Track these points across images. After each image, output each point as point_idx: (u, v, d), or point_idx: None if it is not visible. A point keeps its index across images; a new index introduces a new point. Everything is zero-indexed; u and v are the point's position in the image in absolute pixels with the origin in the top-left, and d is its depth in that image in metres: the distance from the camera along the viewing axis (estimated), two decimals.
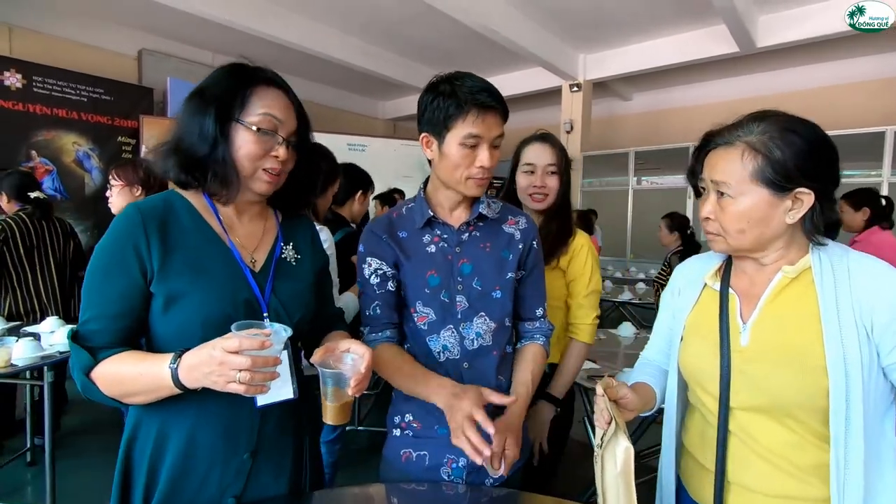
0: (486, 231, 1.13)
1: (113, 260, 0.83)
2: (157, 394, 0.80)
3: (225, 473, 0.88)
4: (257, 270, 0.94)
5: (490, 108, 1.00)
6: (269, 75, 0.91)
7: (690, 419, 1.00)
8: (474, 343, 1.09)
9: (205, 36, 5.77)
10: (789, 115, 0.85)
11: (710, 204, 0.89)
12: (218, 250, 0.90)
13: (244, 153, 0.87)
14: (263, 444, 0.92)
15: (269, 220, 1.02)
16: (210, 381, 0.75)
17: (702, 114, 7.73)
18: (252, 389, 0.74)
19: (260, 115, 0.87)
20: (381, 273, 1.11)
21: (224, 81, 0.88)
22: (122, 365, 0.80)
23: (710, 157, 0.89)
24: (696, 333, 0.96)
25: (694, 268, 1.05)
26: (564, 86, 6.69)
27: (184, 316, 0.84)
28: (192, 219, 0.90)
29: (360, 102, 8.70)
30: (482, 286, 1.09)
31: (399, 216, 1.15)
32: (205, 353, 0.75)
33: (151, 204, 0.88)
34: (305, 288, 1.00)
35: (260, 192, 0.92)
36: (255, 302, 0.90)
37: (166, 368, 0.77)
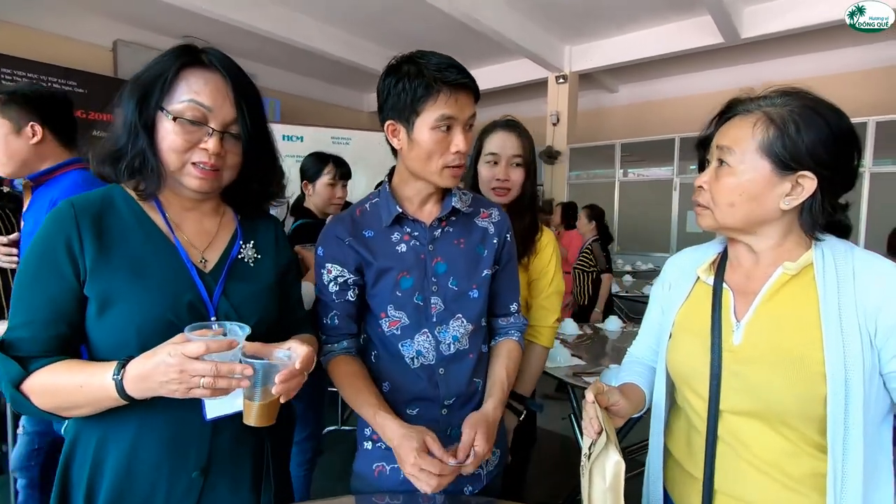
0: (458, 226, 1.06)
1: (42, 260, 0.76)
2: (98, 406, 0.74)
3: (171, 494, 0.81)
4: (208, 271, 0.86)
5: (462, 86, 0.92)
6: (203, 57, 0.82)
7: (676, 423, 0.96)
8: (451, 347, 1.03)
9: (182, 26, 5.61)
10: (819, 97, 0.80)
11: (708, 173, 0.85)
12: (160, 249, 0.82)
13: (166, 145, 0.79)
14: (216, 460, 0.84)
15: (226, 216, 0.94)
16: (168, 390, 0.69)
17: (687, 105, 7.79)
18: (218, 393, 0.69)
19: (184, 102, 0.79)
20: (340, 281, 1.03)
21: (156, 65, 0.80)
22: (57, 376, 0.73)
23: (725, 125, 0.85)
24: (687, 330, 0.91)
25: (687, 260, 1.00)
26: (550, 77, 6.64)
27: (118, 321, 0.77)
28: (133, 215, 0.83)
29: (345, 95, 8.57)
30: (458, 286, 1.03)
31: (363, 213, 1.06)
32: (158, 360, 0.68)
33: (87, 198, 0.81)
34: (263, 290, 0.91)
35: (193, 189, 0.83)
36: (201, 304, 0.82)
37: (109, 379, 0.70)
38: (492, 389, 1.04)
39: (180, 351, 0.67)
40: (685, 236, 6.31)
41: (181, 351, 0.67)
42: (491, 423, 0.96)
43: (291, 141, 5.80)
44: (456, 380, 1.03)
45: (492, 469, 1.08)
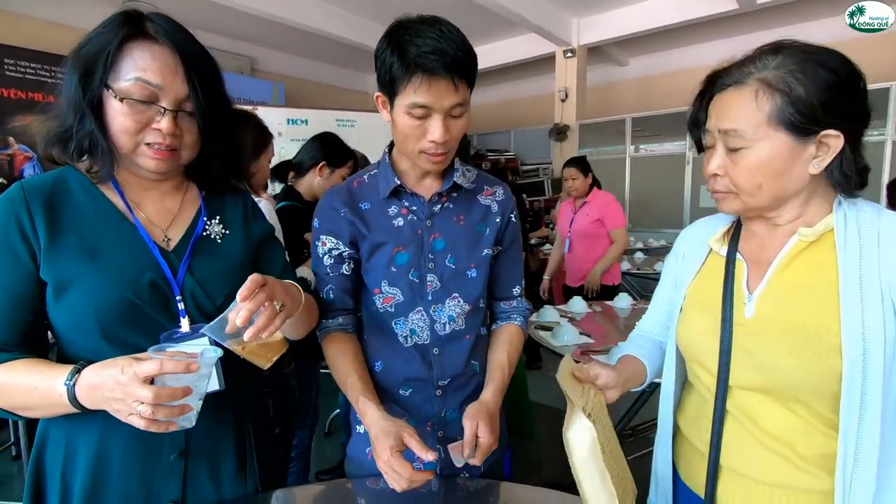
0: (460, 203, 1.02)
1: None
2: (52, 410, 0.70)
3: (149, 480, 0.79)
4: (171, 249, 0.82)
5: (434, 72, 0.82)
6: (148, 26, 0.75)
7: (688, 398, 0.92)
8: (446, 327, 0.99)
9: (184, 12, 5.41)
10: (809, 45, 0.72)
11: (719, 157, 0.76)
12: (118, 229, 0.79)
13: (116, 127, 0.74)
14: (195, 441, 0.82)
15: (190, 192, 0.90)
16: (111, 407, 0.64)
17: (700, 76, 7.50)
18: (155, 426, 0.63)
19: (130, 80, 0.72)
20: (335, 254, 1.00)
21: (98, 36, 0.74)
22: (13, 375, 0.70)
23: (717, 101, 0.76)
24: (698, 304, 0.86)
25: (699, 231, 0.94)
26: (558, 52, 6.48)
27: (75, 304, 0.73)
28: (88, 196, 0.79)
29: (348, 77, 8.47)
30: (456, 264, 0.99)
31: (360, 185, 1.02)
32: (109, 373, 0.64)
33: (39, 180, 0.77)
34: (234, 267, 0.86)
35: (149, 170, 0.79)
36: (165, 283, 0.79)
37: (61, 385, 0.66)
38: (491, 375, 1.00)
39: (133, 369, 0.62)
40: (698, 212, 6.18)
41: (134, 369, 0.62)
42: (492, 412, 0.92)
43: (296, 125, 5.75)
44: (451, 361, 1.00)
45: (490, 455, 1.05)
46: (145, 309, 0.76)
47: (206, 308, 0.82)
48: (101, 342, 0.74)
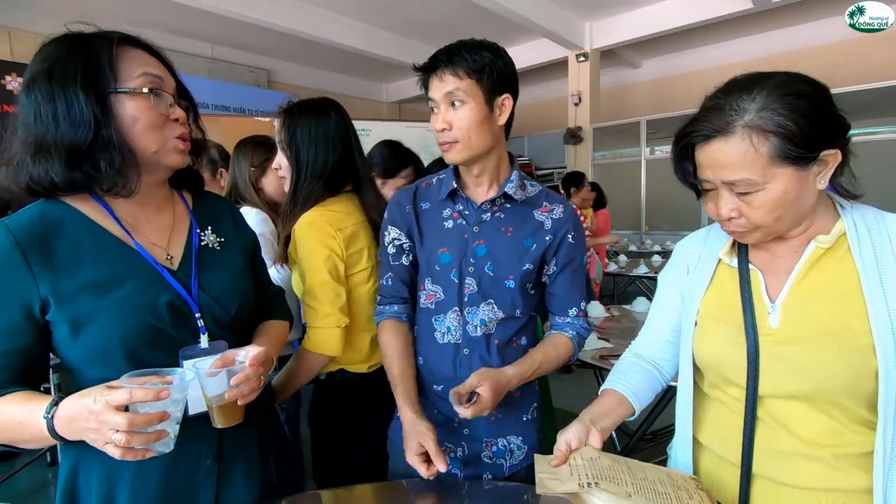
0: (511, 214, 1.05)
1: None
2: (43, 442, 0.70)
3: (190, 486, 0.82)
4: (176, 268, 0.82)
5: (427, 71, 0.97)
6: (123, 34, 0.77)
7: (704, 410, 0.92)
8: (477, 330, 1.03)
9: (201, 28, 5.72)
10: (771, 75, 0.73)
11: (729, 202, 0.76)
12: (123, 256, 0.77)
13: (144, 125, 0.74)
14: (226, 446, 0.85)
15: (178, 205, 0.89)
16: (88, 437, 0.64)
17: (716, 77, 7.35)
18: (130, 454, 0.62)
19: (140, 76, 0.74)
20: (397, 244, 1.09)
21: (74, 52, 0.73)
22: (3, 410, 0.69)
23: (705, 152, 0.75)
24: (714, 317, 0.87)
25: (701, 243, 0.94)
26: (571, 56, 6.48)
27: (97, 337, 0.73)
28: (81, 228, 0.76)
29: (363, 86, 8.58)
30: (494, 272, 1.02)
31: (428, 186, 1.11)
32: (83, 403, 0.63)
33: (25, 221, 0.73)
34: (237, 274, 0.89)
35: (173, 166, 0.80)
36: (182, 302, 0.80)
37: (41, 419, 0.66)
38: (520, 360, 1.01)
39: (104, 398, 0.61)
40: None
41: (105, 398, 0.61)
42: (502, 381, 0.92)
43: None
44: (479, 363, 1.03)
45: (515, 463, 1.07)
46: (167, 330, 0.78)
47: (222, 320, 0.85)
48: (126, 366, 0.73)
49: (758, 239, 0.80)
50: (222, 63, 6.59)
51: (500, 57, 0.97)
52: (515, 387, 0.97)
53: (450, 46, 0.96)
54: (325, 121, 1.29)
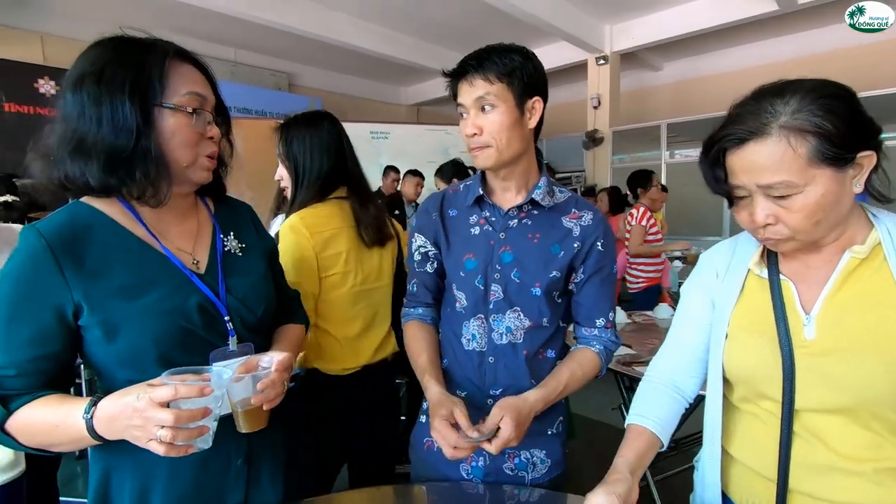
0: (539, 220, 1.03)
1: (18, 303, 0.71)
2: (78, 444, 0.71)
3: (222, 486, 0.83)
4: (203, 272, 0.83)
5: (457, 76, 0.97)
6: (178, 48, 0.79)
7: (735, 422, 0.90)
8: (503, 338, 1.02)
9: (224, 32, 5.82)
10: (802, 81, 0.72)
11: (766, 208, 0.73)
12: (151, 261, 0.78)
13: (180, 140, 0.76)
14: (255, 447, 0.86)
15: (202, 212, 0.90)
16: (130, 435, 0.65)
17: (738, 80, 7.32)
18: (174, 451, 0.63)
19: (186, 95, 0.76)
20: (423, 252, 1.10)
21: (127, 59, 0.74)
22: (36, 414, 0.70)
23: (739, 156, 0.73)
24: (745, 329, 0.85)
25: (728, 253, 0.92)
26: (590, 59, 6.44)
27: (130, 341, 0.74)
28: (111, 233, 0.77)
29: (382, 90, 8.64)
30: (521, 279, 1.01)
31: (455, 192, 1.12)
32: (125, 401, 0.64)
33: (56, 225, 0.73)
34: (260, 279, 0.91)
35: (199, 182, 0.82)
36: (211, 306, 0.81)
37: (80, 420, 0.67)
38: (545, 382, 0.98)
39: (148, 395, 0.62)
40: None
41: (149, 395, 0.62)
42: (524, 411, 0.89)
43: None
44: (505, 372, 1.02)
45: (537, 476, 1.06)
46: (199, 332, 0.79)
47: (249, 322, 0.87)
48: (157, 369, 0.73)
49: (793, 248, 0.78)
50: (244, 67, 6.70)
51: (530, 60, 0.97)
52: (541, 411, 0.94)
53: (479, 51, 0.96)
54: (319, 131, 1.37)
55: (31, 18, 5.17)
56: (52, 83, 4.95)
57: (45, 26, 5.27)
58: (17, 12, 5.06)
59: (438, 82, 1.04)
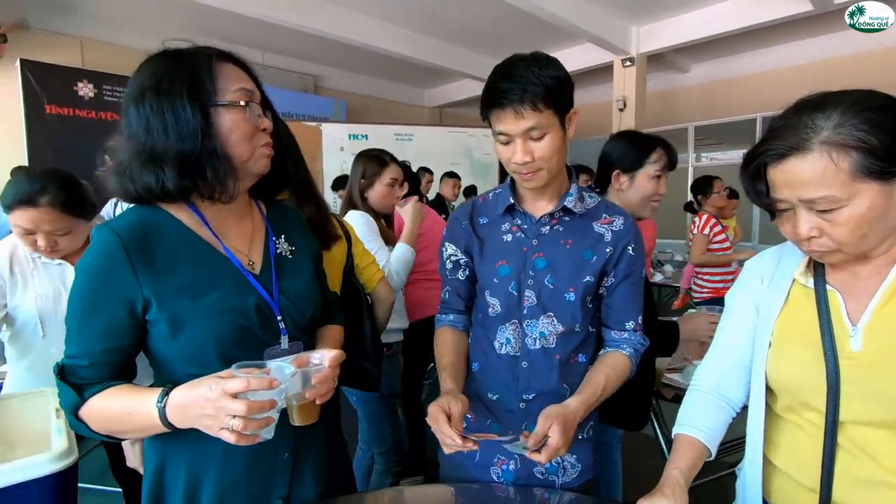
0: (570, 227, 1.05)
1: (93, 296, 0.76)
2: (147, 432, 0.75)
3: (269, 477, 0.86)
4: (258, 272, 0.87)
5: (502, 105, 0.91)
6: (219, 50, 0.83)
7: (778, 432, 0.89)
8: (536, 343, 1.03)
9: (253, 35, 5.94)
10: (844, 93, 0.71)
11: (809, 221, 0.73)
12: (214, 262, 0.82)
13: (239, 135, 0.79)
14: (301, 441, 0.90)
15: (256, 214, 0.94)
16: (202, 424, 0.69)
17: (769, 82, 7.20)
18: (244, 440, 0.68)
19: (236, 91, 0.79)
20: (454, 260, 1.12)
21: (178, 68, 0.78)
22: (109, 402, 0.75)
23: (780, 171, 0.73)
24: (790, 339, 0.84)
25: (774, 261, 0.91)
26: (616, 61, 6.37)
27: (194, 337, 0.78)
28: (178, 233, 0.81)
29: (406, 92, 8.70)
30: (554, 284, 1.02)
31: (485, 201, 1.14)
32: (200, 391, 0.68)
33: (128, 224, 0.78)
34: (309, 280, 0.94)
35: (260, 172, 0.85)
36: (266, 306, 0.85)
37: (153, 408, 0.71)
38: (583, 387, 0.98)
39: (221, 386, 0.66)
40: (768, 224, 5.85)
41: (221, 386, 0.66)
42: (569, 418, 0.90)
43: (357, 140, 5.98)
44: (538, 377, 1.03)
45: (568, 480, 1.06)
46: (256, 331, 0.83)
47: (299, 322, 0.90)
48: (217, 364, 0.77)
49: (839, 259, 0.77)
50: (272, 69, 6.83)
51: (562, 71, 0.97)
52: (582, 418, 0.94)
53: (511, 72, 0.92)
54: None
55: (71, 24, 5.38)
56: (90, 86, 5.13)
57: (85, 31, 5.48)
58: (58, 18, 5.26)
59: (461, 85, 1.05)
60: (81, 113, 5.05)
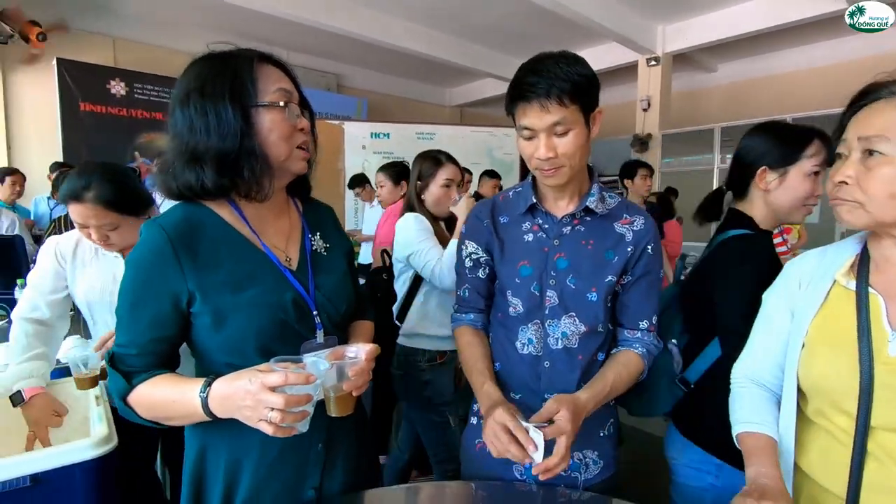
0: (592, 227, 1.05)
1: (141, 289, 0.80)
2: (191, 419, 0.79)
3: (303, 468, 0.89)
4: (295, 269, 0.90)
5: (528, 99, 0.91)
6: (260, 52, 0.85)
7: (807, 436, 0.88)
8: (558, 343, 1.03)
9: (277, 34, 6.02)
10: None
11: (851, 166, 0.75)
12: (254, 258, 0.85)
13: (278, 135, 0.81)
14: (334, 434, 0.92)
15: (292, 212, 0.96)
16: (242, 415, 0.71)
17: (798, 82, 7.02)
18: (281, 432, 0.70)
19: (275, 91, 0.82)
20: (474, 258, 1.11)
21: (221, 71, 0.80)
22: (156, 390, 0.79)
23: (864, 112, 0.76)
24: (825, 341, 0.83)
25: (817, 262, 0.90)
26: (641, 60, 6.29)
27: (236, 330, 0.81)
28: (220, 230, 0.84)
29: (427, 90, 8.73)
30: (576, 284, 1.02)
31: (505, 200, 1.12)
32: (240, 384, 0.71)
33: (174, 222, 0.81)
34: (343, 277, 0.97)
35: (297, 171, 0.88)
36: (303, 301, 0.87)
37: (196, 397, 0.74)
38: (592, 382, 0.99)
39: (260, 379, 0.68)
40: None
41: (261, 379, 0.68)
42: (579, 407, 0.90)
43: (378, 138, 6.02)
44: (560, 377, 1.04)
45: (590, 477, 1.07)
46: (294, 325, 0.85)
47: (333, 317, 0.92)
48: (256, 357, 0.80)
49: (860, 220, 0.78)
50: (296, 68, 6.83)
51: (589, 69, 0.96)
52: (591, 412, 0.95)
53: (539, 67, 0.93)
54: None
55: (104, 24, 5.55)
56: (122, 84, 5.29)
57: (117, 31, 5.65)
58: (92, 18, 5.43)
59: (482, 84, 1.05)
60: (113, 110, 5.21)
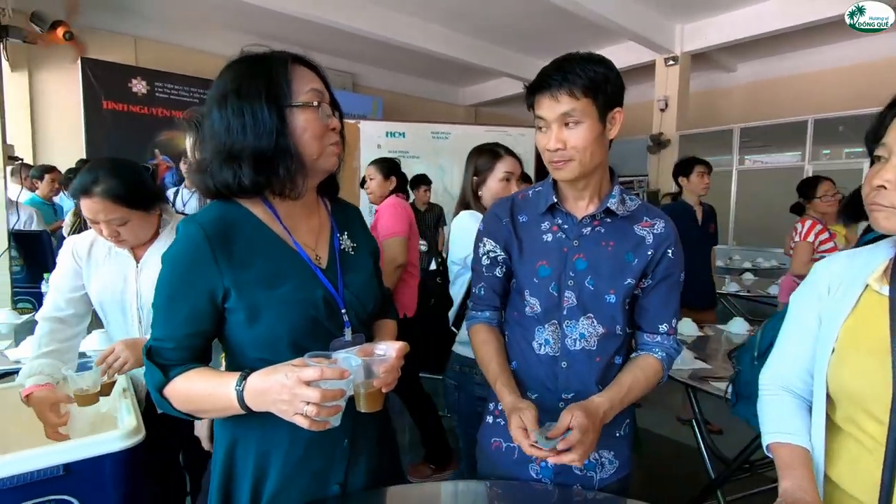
0: (612, 229, 1.04)
1: (178, 284, 0.82)
2: (225, 412, 0.80)
3: (329, 463, 0.90)
4: (324, 267, 0.91)
5: (542, 90, 0.94)
6: (293, 54, 0.86)
7: (836, 445, 0.86)
8: (576, 344, 1.03)
9: (293, 33, 6.06)
10: None
11: (892, 170, 0.73)
12: (286, 255, 0.87)
13: (311, 134, 0.83)
14: (358, 431, 0.92)
15: (322, 211, 0.98)
16: (277, 408, 0.73)
17: (818, 82, 6.90)
18: (315, 425, 0.71)
19: (308, 92, 0.83)
20: (492, 256, 1.10)
21: (257, 72, 0.82)
22: (192, 383, 0.80)
23: None
24: (856, 347, 0.82)
25: (847, 265, 0.89)
26: (658, 60, 6.24)
27: (269, 326, 0.83)
28: (254, 228, 0.86)
29: (441, 90, 8.74)
30: (595, 286, 1.02)
31: (524, 198, 1.11)
32: (276, 378, 0.72)
33: (211, 219, 0.83)
34: (370, 276, 0.98)
35: (329, 169, 0.89)
36: (332, 299, 0.88)
37: (232, 391, 0.76)
38: (610, 387, 0.99)
39: (296, 374, 0.70)
40: None
41: (297, 374, 0.70)
42: (592, 413, 0.90)
43: (394, 137, 6.03)
44: (577, 377, 1.03)
45: (605, 476, 1.06)
46: (324, 323, 0.86)
47: (361, 316, 0.94)
48: (288, 352, 0.81)
49: None
50: None
51: (612, 71, 0.97)
52: (609, 418, 0.94)
53: (560, 62, 0.95)
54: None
55: (126, 23, 5.64)
56: (143, 83, 5.38)
57: (138, 30, 5.73)
58: (114, 18, 5.53)
59: (497, 83, 1.06)
60: (135, 109, 5.30)
